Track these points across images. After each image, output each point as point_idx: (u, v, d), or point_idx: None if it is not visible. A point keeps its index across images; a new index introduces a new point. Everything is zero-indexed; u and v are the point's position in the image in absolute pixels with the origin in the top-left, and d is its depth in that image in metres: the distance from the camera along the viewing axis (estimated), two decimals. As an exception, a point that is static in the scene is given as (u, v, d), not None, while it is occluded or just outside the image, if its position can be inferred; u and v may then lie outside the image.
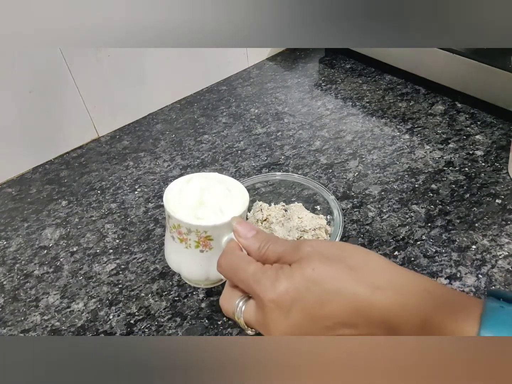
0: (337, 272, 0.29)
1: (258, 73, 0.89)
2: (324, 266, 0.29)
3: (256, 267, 0.31)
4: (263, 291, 0.29)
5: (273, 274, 0.30)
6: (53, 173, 0.70)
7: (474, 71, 0.68)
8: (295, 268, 0.29)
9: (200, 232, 0.35)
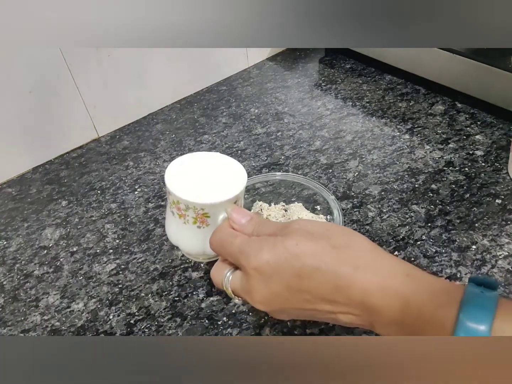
0: (319, 249, 0.30)
1: (258, 73, 0.89)
2: (307, 242, 0.30)
3: (242, 239, 0.33)
4: (247, 260, 0.31)
5: (258, 244, 0.31)
6: (53, 173, 0.70)
7: (474, 71, 0.68)
8: (279, 240, 0.31)
9: (197, 209, 0.37)
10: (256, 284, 0.31)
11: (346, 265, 0.29)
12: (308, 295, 0.30)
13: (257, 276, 0.31)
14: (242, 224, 0.35)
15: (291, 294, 0.30)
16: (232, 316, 0.47)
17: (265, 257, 0.30)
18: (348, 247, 0.30)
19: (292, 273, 0.30)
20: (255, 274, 0.31)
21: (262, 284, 0.31)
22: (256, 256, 0.31)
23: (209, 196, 0.37)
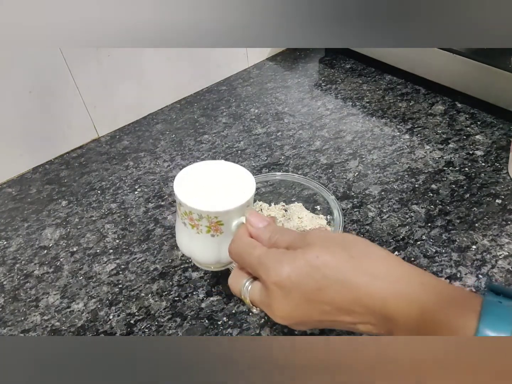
0: (338, 261, 0.30)
1: (258, 73, 0.89)
2: (326, 254, 0.30)
3: (261, 251, 0.32)
4: (266, 273, 0.31)
5: (277, 257, 0.31)
6: (53, 173, 0.70)
7: (474, 71, 0.68)
8: (299, 253, 0.31)
9: (211, 217, 0.36)
10: (276, 298, 0.31)
11: (364, 275, 0.29)
12: (328, 307, 0.30)
13: (278, 291, 0.31)
14: (259, 229, 0.35)
15: (311, 307, 0.30)
16: (232, 316, 0.47)
17: (286, 272, 0.30)
18: (365, 257, 0.30)
19: (313, 286, 0.30)
20: (276, 289, 0.31)
21: (283, 299, 0.31)
22: (276, 270, 0.31)
23: (221, 203, 0.37)
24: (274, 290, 0.31)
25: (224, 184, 0.39)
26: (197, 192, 0.38)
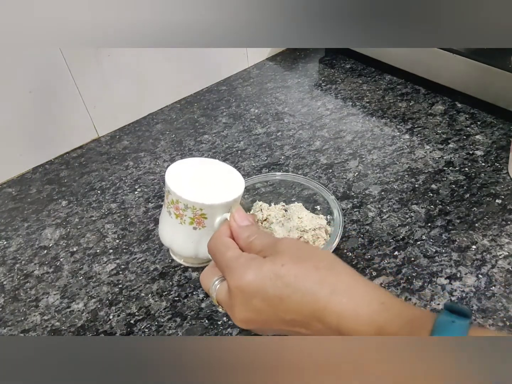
0: (303, 271, 0.30)
1: (258, 73, 0.89)
2: (293, 264, 0.30)
3: (233, 253, 0.33)
4: (231, 276, 0.32)
5: (245, 262, 0.32)
6: (53, 173, 0.70)
7: (474, 71, 0.68)
8: (267, 261, 0.31)
9: (196, 209, 0.37)
10: (237, 302, 0.31)
11: (326, 288, 0.29)
12: (287, 316, 0.30)
13: (239, 294, 0.31)
14: (240, 227, 0.35)
15: (271, 315, 0.31)
16: (232, 316, 0.47)
17: (249, 277, 0.31)
18: (331, 271, 0.31)
19: (274, 293, 0.30)
20: (237, 293, 0.31)
21: (243, 304, 0.31)
22: (240, 275, 0.31)
23: (208, 197, 0.37)
24: (236, 293, 0.31)
25: (215, 182, 0.40)
26: (187, 183, 0.39)
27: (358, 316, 0.28)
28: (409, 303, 0.29)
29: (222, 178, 0.41)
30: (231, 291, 0.32)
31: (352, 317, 0.28)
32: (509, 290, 0.47)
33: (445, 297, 0.47)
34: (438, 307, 0.46)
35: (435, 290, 0.47)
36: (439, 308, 0.46)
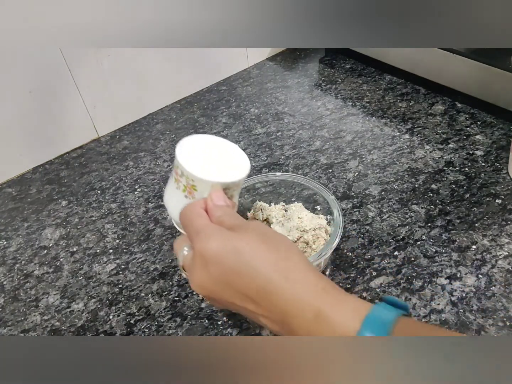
0: (263, 253, 0.32)
1: (258, 73, 0.89)
2: (256, 244, 0.32)
3: (203, 221, 0.35)
4: (196, 241, 0.33)
5: (212, 231, 0.33)
6: (53, 173, 0.70)
7: (474, 71, 0.68)
8: (233, 236, 0.33)
9: (189, 179, 0.38)
10: (197, 266, 0.33)
11: (280, 273, 0.31)
12: (239, 291, 0.32)
13: (200, 259, 0.33)
14: (215, 205, 0.37)
15: (225, 286, 0.32)
16: (232, 316, 0.47)
17: (213, 245, 0.32)
18: (288, 258, 0.32)
19: (232, 266, 0.32)
20: (199, 257, 0.33)
21: (202, 268, 0.33)
22: (205, 240, 0.33)
23: (203, 172, 0.38)
24: (198, 257, 0.33)
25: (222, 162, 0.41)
26: (194, 153, 0.40)
27: (300, 300, 0.30)
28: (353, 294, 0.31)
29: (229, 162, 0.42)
30: (195, 254, 0.33)
31: (295, 301, 0.30)
32: (509, 290, 0.47)
33: (445, 297, 0.47)
34: (438, 307, 0.46)
35: (435, 290, 0.47)
36: (439, 308, 0.46)
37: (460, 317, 0.45)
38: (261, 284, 0.31)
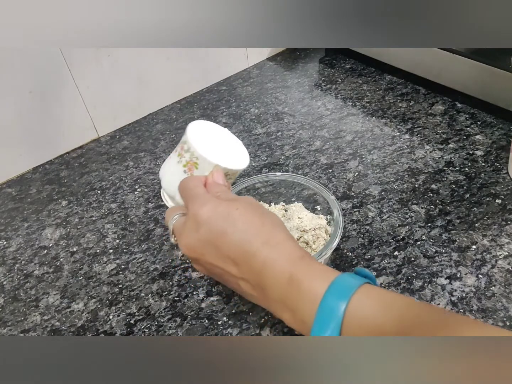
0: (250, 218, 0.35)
1: (258, 73, 0.89)
2: (245, 210, 0.35)
3: (201, 190, 0.37)
4: (192, 204, 0.36)
5: (208, 198, 0.36)
6: (53, 173, 0.70)
7: (474, 71, 0.68)
8: (226, 203, 0.35)
9: (193, 155, 0.40)
10: (188, 227, 0.36)
11: (261, 237, 0.34)
12: (223, 253, 0.34)
13: (192, 221, 0.35)
14: (215, 182, 0.39)
15: (211, 248, 0.34)
16: (232, 316, 0.47)
17: (206, 209, 0.35)
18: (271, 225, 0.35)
19: (220, 228, 0.34)
20: (191, 219, 0.35)
21: (192, 230, 0.35)
22: (199, 205, 0.35)
23: (208, 152, 0.40)
24: (190, 220, 0.35)
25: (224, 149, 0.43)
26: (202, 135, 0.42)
27: (276, 264, 0.33)
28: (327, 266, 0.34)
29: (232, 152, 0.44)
30: (187, 217, 0.36)
31: (271, 265, 0.33)
32: (509, 290, 0.47)
33: (445, 297, 0.47)
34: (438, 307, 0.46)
35: (435, 290, 0.48)
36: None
37: (460, 317, 0.45)
38: (243, 245, 0.33)
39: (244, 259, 0.33)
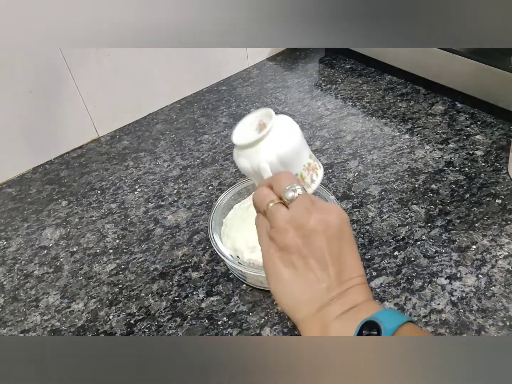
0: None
1: (258, 73, 0.89)
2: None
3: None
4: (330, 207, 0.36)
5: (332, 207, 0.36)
6: (53, 173, 0.70)
7: (474, 71, 0.68)
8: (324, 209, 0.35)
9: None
10: (324, 211, 0.35)
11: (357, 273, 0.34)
12: (332, 256, 0.34)
13: (324, 224, 0.34)
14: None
15: (328, 241, 0.34)
16: (232, 316, 0.47)
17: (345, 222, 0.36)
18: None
19: (347, 243, 0.35)
20: (335, 209, 0.36)
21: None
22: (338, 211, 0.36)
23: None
24: (333, 211, 0.35)
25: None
26: None
27: None
28: None
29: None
30: (330, 204, 0.36)
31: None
32: (509, 290, 0.47)
33: (445, 297, 0.47)
34: (438, 307, 0.46)
35: (435, 290, 0.47)
36: (439, 308, 0.46)
37: (460, 317, 0.45)
38: (350, 272, 0.34)
39: (340, 279, 0.33)
